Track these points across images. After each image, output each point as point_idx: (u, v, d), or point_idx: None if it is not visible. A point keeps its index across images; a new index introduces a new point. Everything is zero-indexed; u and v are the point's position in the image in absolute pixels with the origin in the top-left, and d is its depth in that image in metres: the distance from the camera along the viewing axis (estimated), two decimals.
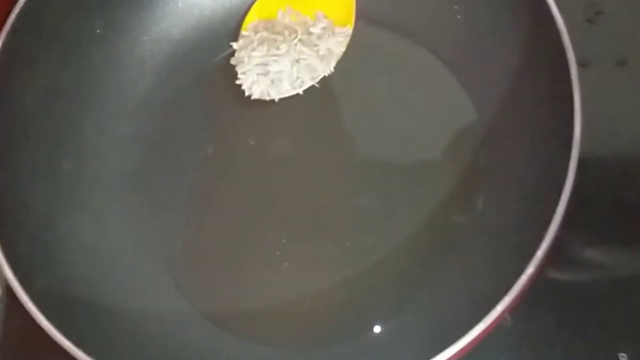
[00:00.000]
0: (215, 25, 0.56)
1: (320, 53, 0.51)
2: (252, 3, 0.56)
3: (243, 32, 0.53)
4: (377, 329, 0.46)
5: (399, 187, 0.50)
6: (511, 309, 0.40)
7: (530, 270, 0.39)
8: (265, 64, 0.51)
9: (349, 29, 0.52)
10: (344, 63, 0.54)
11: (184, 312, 0.48)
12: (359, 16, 0.54)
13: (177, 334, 0.47)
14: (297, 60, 0.51)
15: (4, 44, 0.48)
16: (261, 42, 0.51)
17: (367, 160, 0.52)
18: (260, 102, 0.54)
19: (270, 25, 0.53)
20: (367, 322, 0.47)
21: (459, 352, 0.38)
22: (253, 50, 0.51)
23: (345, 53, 0.54)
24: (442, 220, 0.49)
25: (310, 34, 0.51)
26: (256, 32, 0.52)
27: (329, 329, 0.48)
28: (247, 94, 0.52)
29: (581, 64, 0.47)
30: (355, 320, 0.47)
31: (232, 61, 0.53)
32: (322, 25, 0.52)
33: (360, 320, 0.47)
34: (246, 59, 0.51)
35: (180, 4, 0.55)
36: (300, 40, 0.51)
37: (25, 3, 0.49)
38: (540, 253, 0.39)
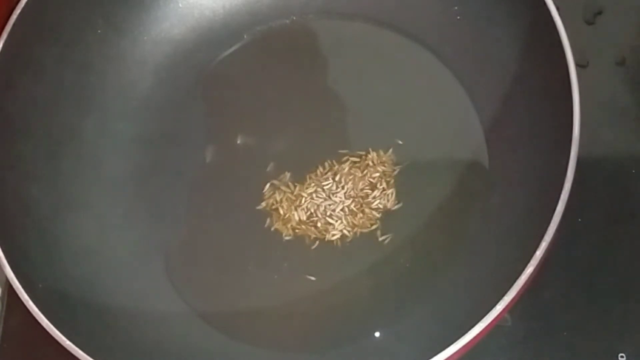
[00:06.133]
0: (215, 25, 0.56)
1: None
2: (252, 4, 0.56)
3: None
4: (377, 329, 0.46)
5: (399, 188, 0.50)
6: (511, 309, 0.40)
7: (530, 270, 0.39)
8: None
9: None
10: (344, 63, 0.54)
11: (183, 313, 0.48)
12: (360, 16, 0.55)
13: (176, 335, 0.47)
14: None
15: (5, 44, 0.48)
16: None
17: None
18: (260, 102, 0.54)
19: None
20: (367, 323, 0.47)
21: (458, 351, 0.38)
22: None
23: (345, 53, 0.54)
24: (441, 220, 0.49)
25: None
26: None
27: (328, 330, 0.48)
28: None
29: (580, 65, 0.48)
30: (355, 321, 0.47)
31: None
32: None
33: (360, 320, 0.47)
34: None
35: (180, 5, 0.55)
36: None
37: (27, 3, 0.49)
38: (539, 253, 0.39)
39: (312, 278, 0.48)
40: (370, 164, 0.51)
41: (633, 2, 0.56)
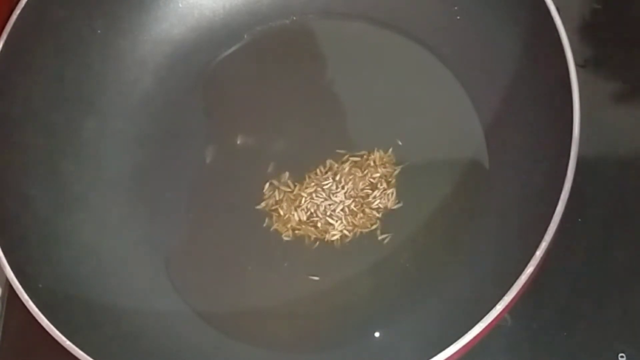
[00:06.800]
0: (215, 25, 0.56)
1: None
2: (252, 4, 0.56)
3: None
4: (377, 329, 0.46)
5: (399, 188, 0.50)
6: (511, 309, 0.40)
7: (530, 270, 0.39)
8: None
9: None
10: (344, 63, 0.54)
11: (183, 313, 0.48)
12: (360, 16, 0.55)
13: (176, 335, 0.47)
14: None
15: (5, 44, 0.48)
16: None
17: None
18: (260, 102, 0.54)
19: None
20: (367, 323, 0.47)
21: (458, 351, 0.38)
22: None
23: (345, 53, 0.54)
24: (441, 220, 0.49)
25: None
26: None
27: (328, 330, 0.48)
28: None
29: (580, 65, 0.48)
30: (355, 321, 0.47)
31: None
32: None
33: (360, 320, 0.47)
34: None
35: (180, 5, 0.55)
36: None
37: (27, 3, 0.49)
38: (539, 253, 0.39)
39: (315, 278, 0.48)
40: (372, 164, 0.51)
41: (633, 2, 0.56)
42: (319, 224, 0.50)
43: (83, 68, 0.52)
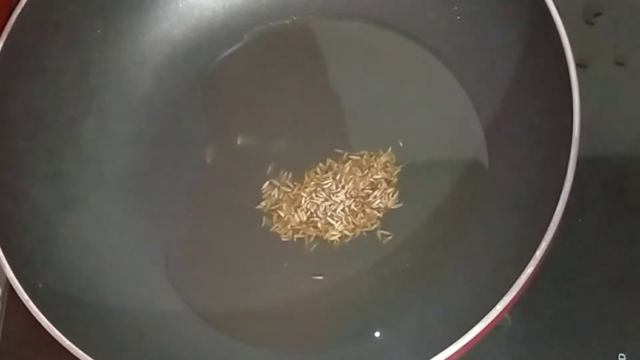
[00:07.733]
0: (215, 25, 0.56)
1: None
2: (252, 4, 0.56)
3: None
4: (377, 329, 0.46)
5: (398, 188, 0.50)
6: (511, 309, 0.40)
7: (530, 270, 0.39)
8: None
9: None
10: (344, 63, 0.54)
11: (183, 313, 0.48)
12: (360, 16, 0.55)
13: (176, 335, 0.47)
14: None
15: (5, 44, 0.48)
16: None
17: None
18: (260, 102, 0.54)
19: None
20: (367, 323, 0.47)
21: (458, 351, 0.38)
22: None
23: (345, 53, 0.54)
24: (441, 220, 0.49)
25: None
26: None
27: (328, 330, 0.48)
28: None
29: (580, 65, 0.48)
30: (355, 321, 0.47)
31: None
32: None
33: (360, 320, 0.47)
34: None
35: (180, 5, 0.56)
36: None
37: (27, 3, 0.49)
38: (539, 253, 0.39)
39: (316, 278, 0.48)
40: (374, 165, 0.51)
41: (633, 2, 0.56)
42: (319, 224, 0.50)
43: (83, 68, 0.52)
